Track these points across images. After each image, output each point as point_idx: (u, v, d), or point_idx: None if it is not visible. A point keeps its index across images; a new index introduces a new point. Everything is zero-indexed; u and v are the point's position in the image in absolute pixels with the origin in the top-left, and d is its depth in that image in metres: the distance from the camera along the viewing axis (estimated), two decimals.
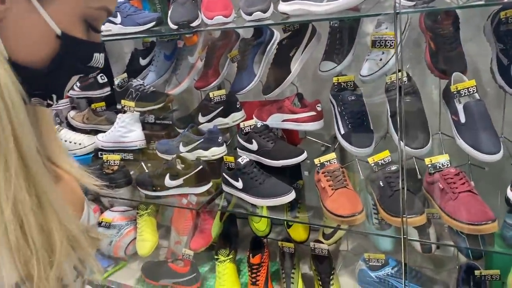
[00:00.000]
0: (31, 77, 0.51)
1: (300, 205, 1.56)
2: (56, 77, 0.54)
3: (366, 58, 1.45)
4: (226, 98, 1.61)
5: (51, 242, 0.50)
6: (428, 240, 1.36)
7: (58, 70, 0.53)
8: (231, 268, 1.64)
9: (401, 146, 1.17)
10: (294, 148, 1.43)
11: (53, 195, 0.52)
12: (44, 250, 0.49)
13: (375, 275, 1.42)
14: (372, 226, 1.42)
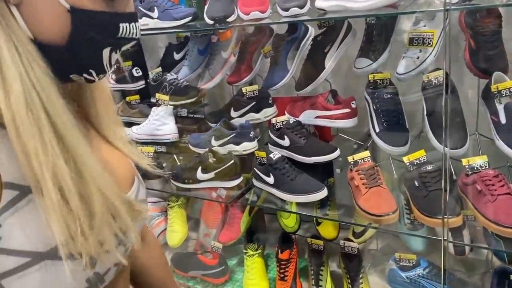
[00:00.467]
0: (56, 55, 0.52)
1: (331, 202, 1.55)
2: (82, 53, 0.53)
3: (403, 56, 1.42)
4: (258, 93, 1.62)
5: (91, 208, 0.52)
6: (462, 242, 1.34)
7: (80, 45, 0.52)
8: (260, 262, 1.66)
9: (445, 150, 1.15)
10: (326, 145, 1.43)
11: (92, 165, 0.53)
12: (84, 215, 0.51)
13: (405, 276, 1.40)
14: (403, 226, 1.41)
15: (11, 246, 0.49)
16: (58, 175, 0.50)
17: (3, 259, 0.49)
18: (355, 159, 1.33)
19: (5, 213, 0.49)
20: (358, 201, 1.25)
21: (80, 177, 0.52)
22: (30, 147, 0.48)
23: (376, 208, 1.19)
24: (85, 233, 0.51)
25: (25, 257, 0.49)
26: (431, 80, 1.34)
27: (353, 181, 1.29)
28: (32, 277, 0.50)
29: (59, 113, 0.51)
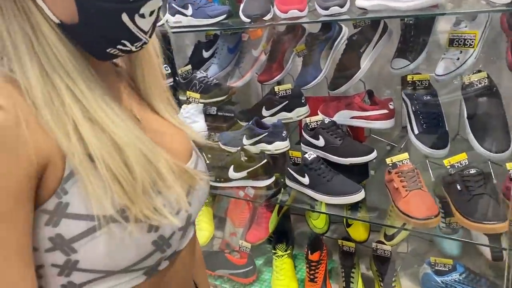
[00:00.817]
0: (82, 34, 0.53)
1: (362, 204, 1.53)
2: (99, 25, 0.52)
3: (442, 57, 1.40)
4: (291, 92, 1.60)
5: (134, 176, 0.53)
6: (500, 247, 1.32)
7: (92, 18, 0.51)
8: (289, 263, 1.64)
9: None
10: (363, 146, 1.41)
11: (131, 136, 0.55)
12: (129, 184, 0.52)
13: (441, 280, 1.38)
14: (438, 230, 1.39)
15: (78, 211, 0.51)
16: (101, 149, 0.52)
17: (72, 224, 0.51)
18: (393, 161, 1.31)
19: (70, 180, 0.51)
20: (397, 204, 1.23)
21: (120, 150, 0.53)
22: (61, 129, 0.50)
23: (417, 211, 1.17)
24: (133, 198, 0.53)
25: (92, 220, 0.51)
26: (473, 82, 1.31)
27: (392, 183, 1.27)
28: (100, 240, 0.52)
29: (91, 91, 0.53)
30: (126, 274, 0.56)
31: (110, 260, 0.53)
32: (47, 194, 0.50)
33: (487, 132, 1.24)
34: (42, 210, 0.50)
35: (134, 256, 0.55)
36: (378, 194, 1.61)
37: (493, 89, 1.31)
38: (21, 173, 0.47)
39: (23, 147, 0.48)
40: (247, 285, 1.71)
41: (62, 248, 0.51)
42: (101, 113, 0.53)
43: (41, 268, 0.52)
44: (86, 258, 0.52)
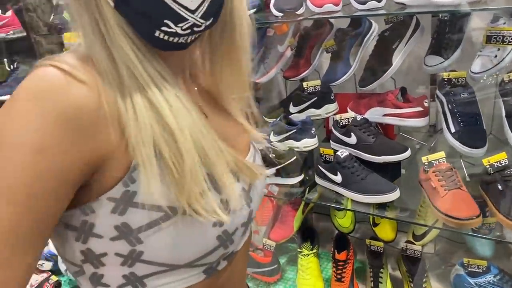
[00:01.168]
0: (129, 17, 0.49)
1: (389, 203, 1.50)
2: (134, 5, 0.48)
3: (478, 54, 1.37)
4: (320, 89, 1.57)
5: (185, 167, 0.50)
6: None
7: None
8: (315, 262, 1.62)
9: None
10: (397, 144, 1.38)
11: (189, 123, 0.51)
12: (180, 174, 0.50)
13: (474, 282, 1.35)
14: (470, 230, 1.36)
15: (146, 201, 0.49)
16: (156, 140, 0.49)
17: (139, 214, 0.49)
18: (429, 160, 1.28)
19: (138, 169, 0.49)
20: (436, 204, 1.20)
21: (173, 135, 0.50)
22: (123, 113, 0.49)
23: (458, 211, 1.15)
24: (182, 190, 0.50)
25: (159, 211, 0.50)
26: None
27: (429, 183, 1.24)
28: (166, 232, 0.50)
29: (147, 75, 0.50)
30: (187, 270, 0.55)
31: (175, 253, 0.52)
32: (113, 181, 0.49)
33: None
34: (109, 198, 0.49)
35: (198, 250, 0.54)
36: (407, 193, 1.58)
37: None
38: (78, 161, 0.46)
39: (93, 133, 0.47)
40: (271, 284, 1.69)
41: (128, 237, 0.50)
42: (160, 97, 0.50)
43: (104, 256, 0.51)
44: (151, 249, 0.51)
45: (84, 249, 0.51)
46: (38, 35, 2.26)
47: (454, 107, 1.32)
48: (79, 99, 0.46)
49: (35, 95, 0.44)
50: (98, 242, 0.50)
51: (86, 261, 0.52)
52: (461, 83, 1.35)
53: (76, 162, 0.46)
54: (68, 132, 0.45)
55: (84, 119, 0.46)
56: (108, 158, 0.48)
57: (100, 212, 0.49)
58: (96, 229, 0.50)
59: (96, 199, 0.49)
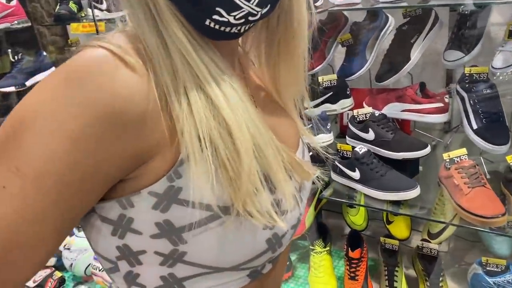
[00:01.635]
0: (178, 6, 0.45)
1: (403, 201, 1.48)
2: None
3: (499, 50, 1.35)
4: (336, 83, 1.54)
5: (243, 165, 0.46)
6: None
7: None
8: (328, 260, 1.59)
9: None
10: (416, 140, 1.36)
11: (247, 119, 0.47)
12: (236, 173, 0.46)
13: (492, 281, 1.33)
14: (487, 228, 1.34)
15: (193, 198, 0.45)
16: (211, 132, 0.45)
17: (184, 211, 0.45)
18: (451, 157, 1.26)
19: (184, 164, 0.44)
20: (459, 201, 1.18)
21: (229, 129, 0.45)
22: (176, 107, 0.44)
23: (483, 210, 1.12)
24: (237, 190, 0.46)
25: (208, 210, 0.45)
26: None
27: (452, 180, 1.22)
28: (213, 232, 0.46)
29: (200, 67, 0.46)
30: (231, 273, 0.50)
31: (221, 256, 0.48)
32: (157, 175, 0.44)
33: None
34: (150, 192, 0.44)
35: (246, 254, 0.49)
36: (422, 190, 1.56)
37: None
38: (119, 156, 0.42)
39: (140, 129, 0.42)
40: (283, 281, 1.65)
41: (170, 236, 0.46)
42: (216, 89, 0.46)
43: (143, 254, 0.47)
44: (195, 250, 0.47)
45: (121, 245, 0.48)
46: (41, 26, 2.21)
47: (476, 103, 1.29)
48: (128, 89, 0.41)
49: (79, 78, 0.40)
50: (136, 238, 0.47)
51: (121, 258, 0.49)
52: (482, 79, 1.32)
53: (117, 158, 0.42)
54: (112, 126, 0.40)
55: (131, 113, 0.41)
56: (153, 153, 0.44)
57: (140, 206, 0.45)
58: (135, 224, 0.46)
59: (137, 192, 0.45)
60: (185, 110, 0.44)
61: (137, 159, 0.43)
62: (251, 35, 0.59)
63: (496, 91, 1.32)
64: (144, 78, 0.43)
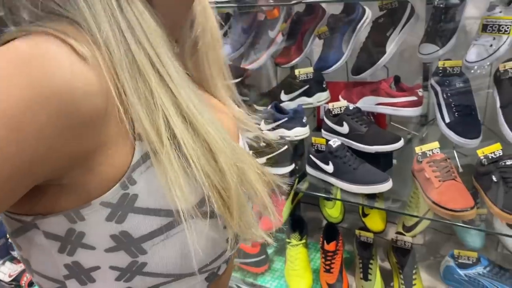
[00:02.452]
0: None
1: (379, 193, 1.48)
2: None
3: (473, 43, 1.35)
4: (312, 76, 1.53)
5: (230, 186, 0.46)
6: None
7: None
8: (304, 253, 1.59)
9: None
10: (389, 133, 1.36)
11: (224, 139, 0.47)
12: (227, 194, 0.46)
13: (464, 273, 1.35)
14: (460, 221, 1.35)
15: (151, 205, 0.43)
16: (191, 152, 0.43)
17: (143, 220, 0.43)
18: (423, 150, 1.26)
19: (139, 168, 0.42)
20: (429, 195, 1.18)
21: (212, 153, 0.45)
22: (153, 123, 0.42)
23: (453, 203, 1.13)
24: (232, 211, 0.46)
25: (168, 216, 0.43)
26: (508, 70, 1.27)
27: (423, 173, 1.22)
28: (176, 238, 0.44)
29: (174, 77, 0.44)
30: (190, 279, 0.49)
31: (184, 261, 0.46)
32: (107, 183, 0.41)
33: None
34: (103, 203, 0.41)
35: (208, 256, 0.48)
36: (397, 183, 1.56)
37: None
38: (59, 156, 0.38)
39: (90, 128, 0.39)
40: (259, 274, 1.66)
41: (128, 248, 0.43)
42: (191, 106, 0.44)
43: (96, 270, 0.44)
44: (157, 260, 0.44)
45: (70, 263, 0.44)
46: None
47: (449, 97, 1.30)
48: (79, 81, 0.37)
49: (26, 61, 0.35)
50: (88, 254, 0.43)
51: (71, 277, 0.45)
52: (456, 72, 1.32)
53: (56, 157, 0.38)
54: (57, 120, 0.36)
55: (80, 110, 0.37)
56: (100, 156, 0.41)
57: (91, 219, 0.42)
58: (87, 239, 0.43)
59: (87, 204, 0.41)
60: (144, 104, 0.41)
61: (78, 160, 0.40)
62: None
63: (469, 85, 1.32)
64: (96, 71, 0.39)
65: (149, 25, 0.43)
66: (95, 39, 0.40)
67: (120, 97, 0.41)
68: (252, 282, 1.64)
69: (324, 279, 1.54)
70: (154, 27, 0.43)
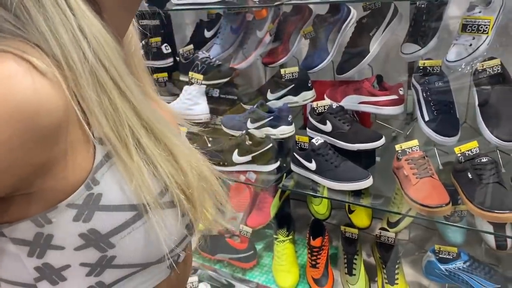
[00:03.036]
0: None
1: (365, 190, 1.51)
2: None
3: (454, 43, 1.37)
4: (298, 75, 1.56)
5: (193, 188, 0.51)
6: (504, 235, 1.32)
7: None
8: (291, 248, 1.63)
9: None
10: (371, 132, 1.39)
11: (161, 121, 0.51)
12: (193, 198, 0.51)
13: (444, 268, 1.38)
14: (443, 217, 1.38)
15: (114, 201, 0.46)
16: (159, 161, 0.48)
17: (108, 216, 0.46)
18: (403, 148, 1.29)
19: (101, 168, 0.45)
20: (407, 192, 1.21)
21: (156, 139, 0.49)
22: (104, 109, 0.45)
23: (429, 199, 1.16)
24: (199, 212, 0.52)
25: (131, 210, 0.47)
26: (486, 69, 1.29)
27: (402, 171, 1.25)
28: (141, 230, 0.48)
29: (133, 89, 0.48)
30: (155, 267, 0.53)
31: (150, 250, 0.50)
32: (71, 186, 0.44)
33: (499, 121, 1.23)
34: (69, 205, 0.44)
35: (171, 243, 0.52)
36: (382, 180, 1.59)
37: (505, 76, 1.29)
38: (22, 166, 0.40)
39: (52, 139, 0.41)
40: (247, 270, 1.69)
41: (97, 244, 0.46)
42: (150, 115, 0.48)
43: (67, 269, 0.47)
44: (124, 252, 0.48)
45: (40, 265, 0.46)
46: None
47: (429, 96, 1.32)
48: (39, 96, 0.39)
49: None
50: (58, 254, 0.46)
51: (41, 279, 0.47)
52: (436, 72, 1.35)
53: (21, 168, 0.40)
54: (21, 134, 0.38)
55: (41, 123, 0.39)
56: (63, 163, 0.43)
57: (59, 221, 0.44)
58: (55, 240, 0.45)
59: (53, 207, 0.44)
60: (110, 121, 0.45)
61: (43, 169, 0.42)
62: None
63: (448, 84, 1.35)
64: (55, 86, 0.41)
65: (108, 43, 0.45)
66: (57, 57, 0.42)
67: (80, 110, 0.43)
68: (241, 277, 1.68)
69: (310, 274, 1.57)
70: (112, 44, 0.46)
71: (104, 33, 0.45)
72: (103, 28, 0.46)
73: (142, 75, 0.64)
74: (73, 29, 0.43)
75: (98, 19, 0.46)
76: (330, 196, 1.45)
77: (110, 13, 0.48)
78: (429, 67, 1.35)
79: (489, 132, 1.24)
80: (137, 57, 0.63)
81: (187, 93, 1.66)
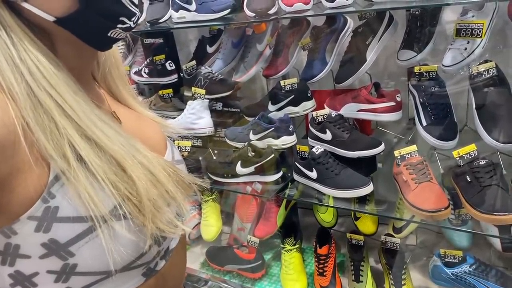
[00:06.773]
0: (83, 21, 0.51)
1: (370, 197, 1.53)
2: (99, 4, 0.50)
3: (449, 48, 1.39)
4: (297, 86, 1.59)
5: (141, 192, 0.52)
6: (509, 237, 1.31)
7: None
8: (298, 257, 1.64)
9: None
10: (370, 139, 1.40)
11: (130, 150, 0.54)
12: (139, 201, 0.52)
13: (451, 272, 1.38)
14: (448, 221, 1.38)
15: (70, 213, 0.50)
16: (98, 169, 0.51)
17: (66, 227, 0.50)
18: (402, 153, 1.30)
19: (56, 183, 0.49)
20: (407, 197, 1.22)
21: (103, 151, 0.52)
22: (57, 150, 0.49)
23: (428, 204, 1.17)
24: (147, 215, 0.52)
25: (87, 222, 0.50)
26: (481, 72, 1.30)
27: (401, 176, 1.26)
28: (97, 240, 0.51)
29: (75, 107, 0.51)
30: (125, 274, 0.56)
31: (110, 259, 0.52)
32: (30, 200, 0.48)
33: (496, 123, 1.23)
34: (30, 217, 0.49)
35: (133, 252, 0.55)
36: (386, 186, 1.60)
37: (501, 78, 1.29)
38: None
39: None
40: (256, 280, 1.71)
41: (58, 253, 0.50)
42: (95, 129, 0.52)
43: (36, 276, 0.51)
44: (84, 260, 0.51)
45: (13, 272, 0.51)
46: None
47: (425, 101, 1.34)
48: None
49: None
50: (26, 262, 0.50)
51: (16, 285, 0.52)
52: (431, 77, 1.37)
53: None
54: None
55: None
56: (17, 178, 0.47)
57: (23, 232, 0.49)
58: (22, 249, 0.50)
59: (16, 220, 0.48)
60: (69, 154, 0.49)
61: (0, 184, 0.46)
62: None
63: (445, 88, 1.36)
64: (1, 104, 0.46)
65: (48, 70, 0.50)
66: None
67: (25, 131, 0.47)
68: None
69: (317, 282, 1.58)
70: (53, 70, 0.50)
71: (44, 60, 0.50)
72: (45, 56, 0.50)
73: (122, 87, 0.68)
74: (12, 56, 0.48)
75: (43, 48, 0.50)
76: (335, 204, 1.47)
77: (62, 47, 0.53)
78: (425, 73, 1.37)
79: (486, 135, 1.24)
80: (115, 71, 0.67)
81: (191, 108, 1.71)
